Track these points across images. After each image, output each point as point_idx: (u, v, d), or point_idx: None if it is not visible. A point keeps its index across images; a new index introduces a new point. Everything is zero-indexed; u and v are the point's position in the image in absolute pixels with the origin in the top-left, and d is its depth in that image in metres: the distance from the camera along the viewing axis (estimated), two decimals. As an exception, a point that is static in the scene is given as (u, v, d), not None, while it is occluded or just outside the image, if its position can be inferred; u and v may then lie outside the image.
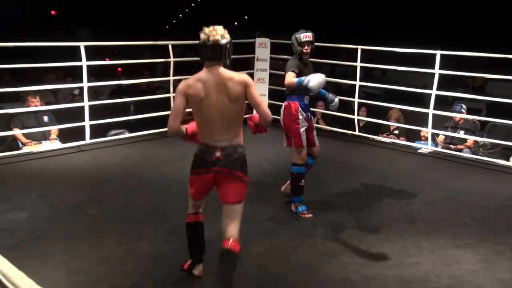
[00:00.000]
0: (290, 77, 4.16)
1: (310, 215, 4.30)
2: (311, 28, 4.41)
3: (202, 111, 2.89)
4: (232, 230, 2.93)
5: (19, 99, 7.29)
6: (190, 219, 3.19)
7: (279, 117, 4.34)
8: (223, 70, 2.89)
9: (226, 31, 2.91)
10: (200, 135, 2.98)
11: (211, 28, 2.88)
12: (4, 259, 1.03)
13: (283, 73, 4.39)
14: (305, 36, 4.30)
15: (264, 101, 3.28)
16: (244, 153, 2.96)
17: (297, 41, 4.31)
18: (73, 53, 6.11)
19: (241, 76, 2.92)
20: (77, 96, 8.22)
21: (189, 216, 3.19)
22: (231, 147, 2.90)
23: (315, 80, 3.95)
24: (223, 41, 2.85)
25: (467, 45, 6.34)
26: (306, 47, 4.30)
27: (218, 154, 2.88)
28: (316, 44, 4.42)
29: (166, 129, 3.00)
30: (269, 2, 24.78)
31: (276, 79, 8.20)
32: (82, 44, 5.94)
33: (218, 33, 2.85)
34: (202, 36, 2.87)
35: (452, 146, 6.53)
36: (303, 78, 4.03)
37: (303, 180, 4.33)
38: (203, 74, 2.89)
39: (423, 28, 16.61)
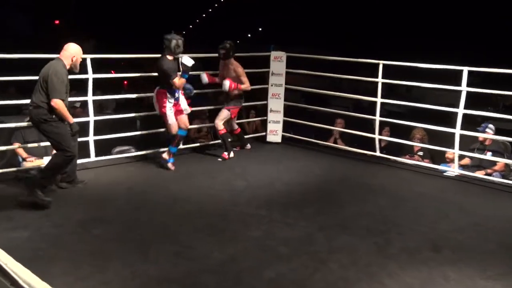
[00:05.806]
0: None
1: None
2: (330, 42, 4.63)
3: None
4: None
5: (21, 112, 7.42)
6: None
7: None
8: None
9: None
10: None
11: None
12: (27, 270, 1.10)
13: (300, 88, 4.77)
14: None
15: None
16: None
17: None
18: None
19: None
20: (78, 108, 8.34)
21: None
22: None
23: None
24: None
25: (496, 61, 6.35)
26: None
27: None
28: (336, 58, 4.75)
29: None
30: (284, 14, 25.07)
31: (292, 95, 8.18)
32: (88, 57, 5.96)
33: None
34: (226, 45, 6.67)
35: (482, 172, 6.50)
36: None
37: None
38: None
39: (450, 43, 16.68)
